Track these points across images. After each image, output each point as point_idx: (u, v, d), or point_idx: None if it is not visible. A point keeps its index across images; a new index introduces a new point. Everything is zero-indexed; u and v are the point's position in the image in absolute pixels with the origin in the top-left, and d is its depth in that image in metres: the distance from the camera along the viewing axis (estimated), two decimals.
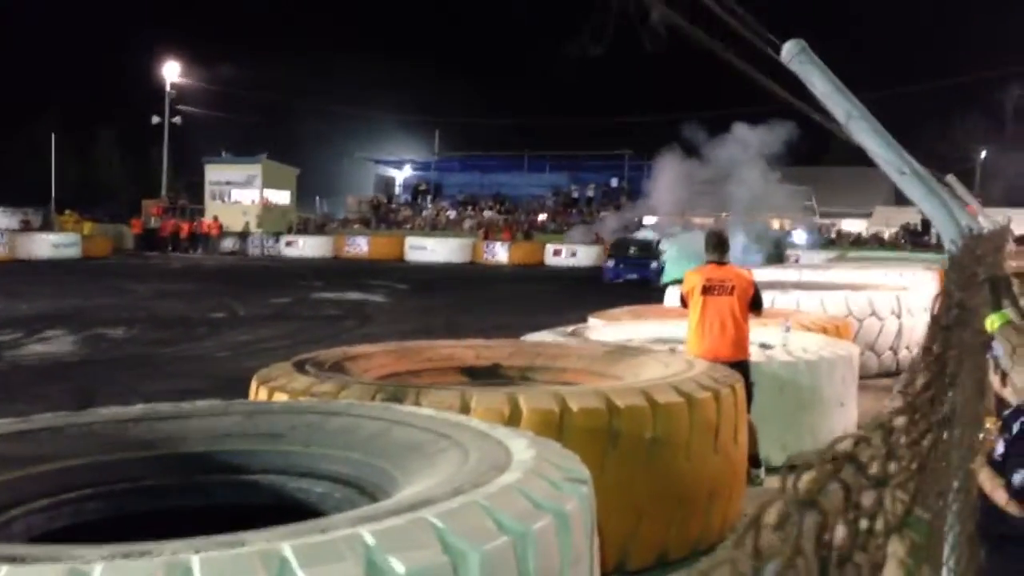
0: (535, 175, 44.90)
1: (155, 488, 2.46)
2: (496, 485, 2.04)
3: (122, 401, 5.12)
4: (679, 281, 5.85)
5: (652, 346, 5.67)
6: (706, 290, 5.18)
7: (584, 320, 7.61)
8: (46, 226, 36.11)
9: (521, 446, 2.36)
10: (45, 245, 32.45)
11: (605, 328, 7.06)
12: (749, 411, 4.62)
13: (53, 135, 40.61)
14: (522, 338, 6.13)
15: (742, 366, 4.92)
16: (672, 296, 8.58)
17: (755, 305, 5.27)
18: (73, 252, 32.76)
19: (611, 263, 23.45)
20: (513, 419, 3.32)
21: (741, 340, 5.18)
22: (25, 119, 47.79)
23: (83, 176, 48.69)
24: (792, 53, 4.06)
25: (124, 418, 2.68)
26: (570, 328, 6.95)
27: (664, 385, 3.82)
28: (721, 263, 5.32)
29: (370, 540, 1.70)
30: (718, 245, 5.39)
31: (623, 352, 4.98)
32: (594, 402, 3.54)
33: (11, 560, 1.51)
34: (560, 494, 2.10)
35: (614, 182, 42.78)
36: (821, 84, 4.03)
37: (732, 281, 5.22)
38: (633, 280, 21.48)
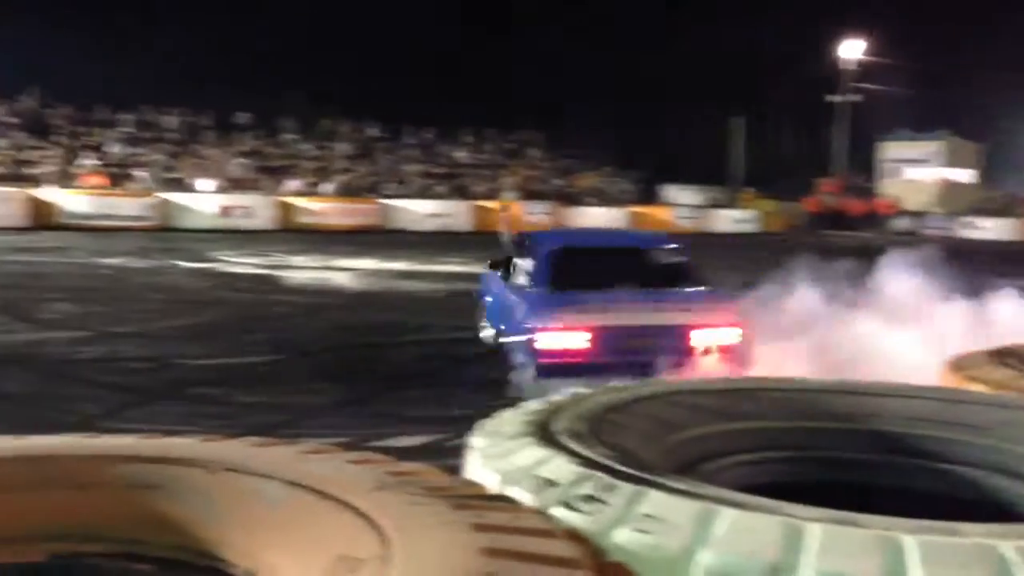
0: None
1: (850, 461, 2.48)
2: None
3: None
4: None
5: None
6: None
7: None
8: (729, 203, 38.81)
9: None
10: (727, 221, 34.97)
11: None
12: None
13: (742, 118, 43.31)
14: None
15: None
16: None
17: None
18: (750, 228, 34.84)
19: None
20: None
21: None
22: (711, 105, 51.73)
23: (762, 156, 51.18)
24: None
25: (821, 388, 2.74)
26: None
27: None
28: None
29: None
30: None
31: None
32: None
33: (733, 504, 1.64)
34: None
35: None
36: None
37: None
38: None
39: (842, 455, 2.48)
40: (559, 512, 1.72)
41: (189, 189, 29.68)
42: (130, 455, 1.74)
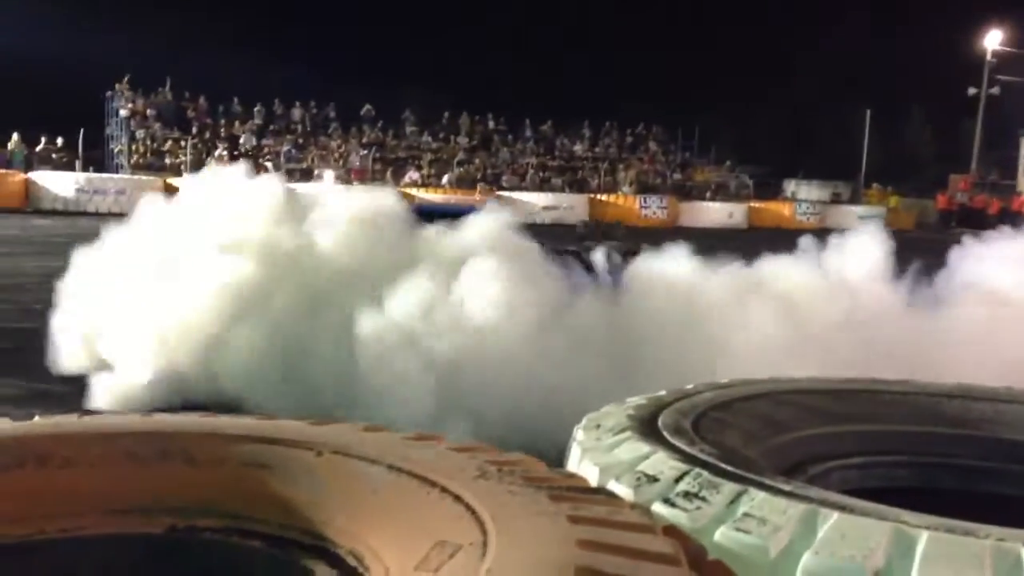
0: None
1: (966, 468, 2.39)
2: None
3: None
4: None
5: None
6: None
7: None
8: (854, 199, 37.63)
9: None
10: (851, 217, 33.86)
11: None
12: None
13: (867, 111, 41.87)
14: None
15: None
16: None
17: None
18: (875, 225, 33.62)
19: None
20: None
21: None
22: (836, 95, 50.02)
23: (891, 150, 49.33)
24: None
25: (938, 392, 2.64)
26: None
27: None
28: None
29: None
30: None
31: None
32: None
33: (841, 508, 1.60)
34: None
35: None
36: None
37: None
38: None
39: (955, 461, 2.39)
40: (659, 508, 1.71)
41: (314, 179, 30.55)
42: (243, 435, 1.81)
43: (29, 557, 1.65)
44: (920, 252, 7.61)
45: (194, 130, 33.06)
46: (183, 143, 31.79)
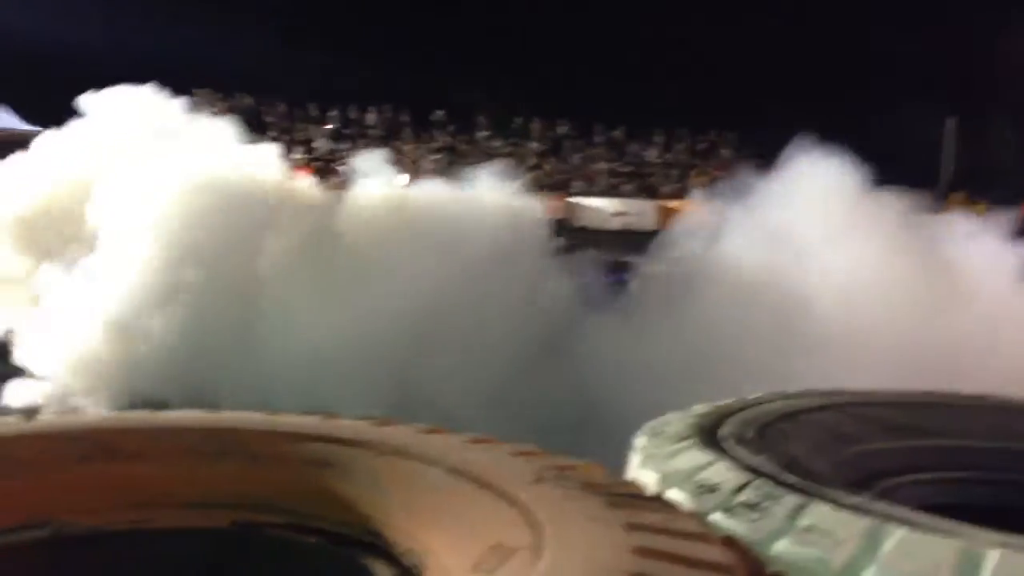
0: None
1: None
2: None
3: None
4: None
5: None
6: None
7: None
8: (935, 208, 36.65)
9: None
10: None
11: None
12: None
13: (950, 118, 40.76)
14: None
15: None
16: None
17: None
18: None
19: None
20: None
21: None
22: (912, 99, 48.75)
23: (977, 158, 47.86)
24: None
25: (1010, 406, 2.57)
26: None
27: None
28: None
29: None
30: None
31: None
32: None
33: (907, 524, 1.56)
34: None
35: None
36: None
37: None
38: None
39: None
40: (718, 518, 1.69)
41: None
42: (306, 433, 1.84)
43: (99, 548, 1.70)
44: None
45: (271, 135, 33.72)
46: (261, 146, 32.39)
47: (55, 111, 6.87)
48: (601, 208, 31.51)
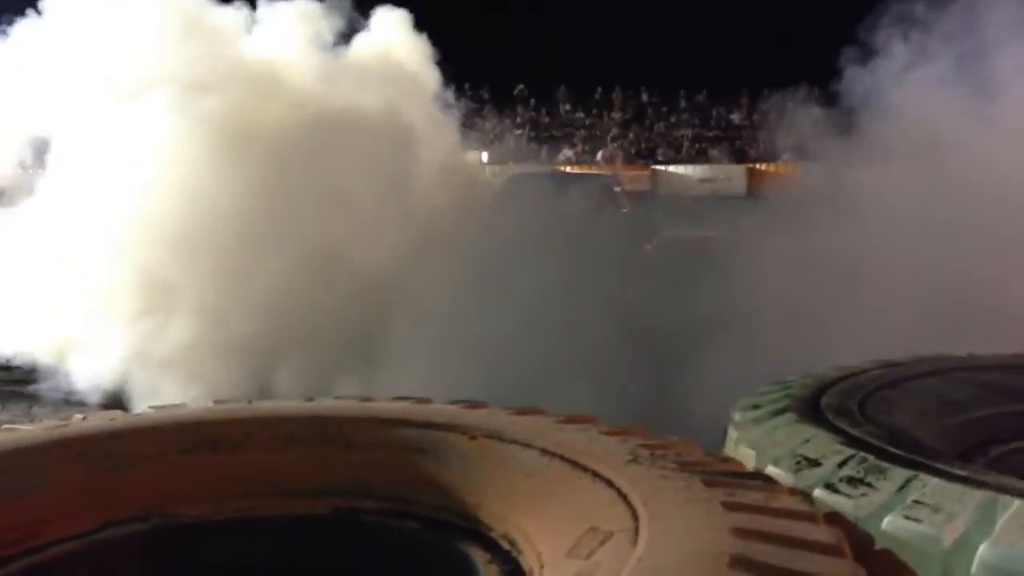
0: None
1: None
2: None
3: None
4: None
5: None
6: None
7: None
8: None
9: None
10: None
11: None
12: None
13: None
14: None
15: None
16: None
17: None
18: None
19: None
20: None
21: None
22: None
23: None
24: None
25: None
26: None
27: None
28: None
29: None
30: None
31: None
32: None
33: (1021, 494, 1.49)
34: None
35: None
36: None
37: None
38: None
39: None
40: (821, 494, 1.64)
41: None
42: (400, 419, 1.85)
43: (203, 538, 1.74)
44: None
45: None
46: None
47: None
48: (688, 175, 31.06)
